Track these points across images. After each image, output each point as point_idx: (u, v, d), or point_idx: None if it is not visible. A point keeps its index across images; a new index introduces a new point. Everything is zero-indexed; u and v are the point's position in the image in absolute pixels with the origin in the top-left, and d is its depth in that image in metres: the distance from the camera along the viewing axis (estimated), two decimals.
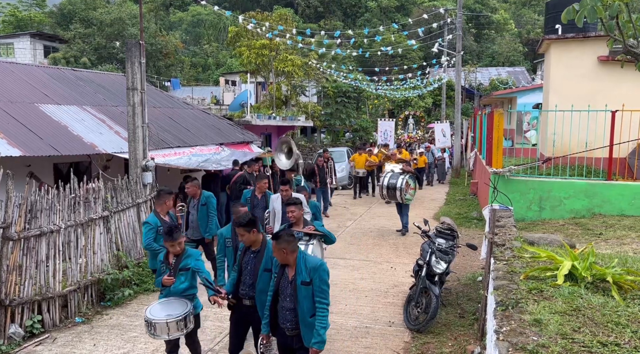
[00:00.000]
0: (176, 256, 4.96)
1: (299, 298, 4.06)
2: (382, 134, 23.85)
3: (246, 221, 4.57)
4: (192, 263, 4.91)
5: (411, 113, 32.83)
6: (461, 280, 8.02)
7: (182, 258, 4.94)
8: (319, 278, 4.07)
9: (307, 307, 4.06)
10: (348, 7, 56.60)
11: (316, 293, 4.06)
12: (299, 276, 4.09)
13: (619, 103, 9.71)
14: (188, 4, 56.71)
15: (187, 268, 4.91)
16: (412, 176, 11.29)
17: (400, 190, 10.70)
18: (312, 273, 4.08)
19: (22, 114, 9.87)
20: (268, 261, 4.57)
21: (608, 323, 3.31)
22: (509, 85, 33.84)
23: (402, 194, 10.75)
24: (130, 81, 8.78)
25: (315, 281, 4.06)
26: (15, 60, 27.93)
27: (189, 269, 4.91)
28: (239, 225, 4.56)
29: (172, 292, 4.87)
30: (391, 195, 10.97)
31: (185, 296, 4.85)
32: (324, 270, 4.13)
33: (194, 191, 7.74)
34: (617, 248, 6.74)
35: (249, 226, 4.56)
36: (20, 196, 6.12)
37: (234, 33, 24.75)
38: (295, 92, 27.28)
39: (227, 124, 15.98)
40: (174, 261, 4.96)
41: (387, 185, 10.89)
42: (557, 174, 10.38)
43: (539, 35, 38.82)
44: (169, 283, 4.84)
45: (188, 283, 4.90)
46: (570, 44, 12.49)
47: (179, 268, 4.89)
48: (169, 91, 29.62)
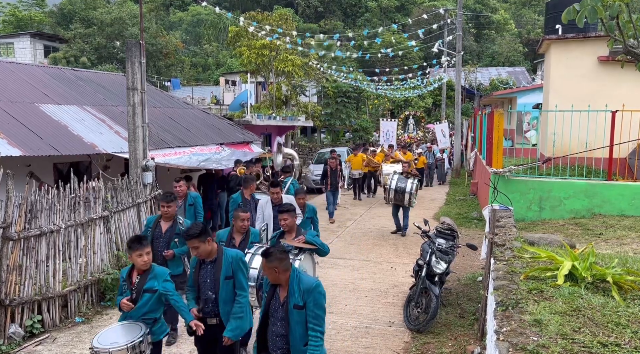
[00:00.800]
0: (140, 274, 4.31)
1: (291, 323, 3.61)
2: (384, 134, 23.50)
3: (199, 231, 4.17)
4: (159, 285, 4.27)
5: (411, 113, 32.56)
6: (461, 280, 8.02)
7: (147, 278, 4.28)
8: (314, 301, 3.60)
9: (300, 334, 3.61)
10: (348, 7, 56.58)
11: (309, 318, 3.59)
12: (291, 299, 3.63)
13: (619, 104, 9.71)
14: (188, 3, 56.71)
15: (153, 290, 4.25)
16: (417, 178, 11.33)
17: (410, 194, 10.69)
18: (306, 296, 3.62)
19: (22, 114, 9.87)
20: (228, 268, 4.26)
21: (608, 324, 3.31)
22: (509, 85, 33.84)
23: (411, 198, 10.73)
24: (130, 81, 8.77)
25: (309, 305, 3.59)
26: (15, 60, 27.93)
27: (156, 291, 4.25)
28: (190, 236, 4.16)
29: (130, 315, 4.24)
30: (399, 199, 10.87)
31: (144, 320, 4.21)
32: (320, 293, 3.67)
33: (183, 192, 7.54)
34: (617, 248, 6.74)
35: (203, 236, 4.19)
36: (21, 196, 6.12)
37: (234, 33, 24.75)
38: (296, 92, 27.28)
39: (227, 124, 15.98)
40: (138, 281, 4.29)
41: (395, 188, 10.80)
42: (557, 174, 10.37)
43: (539, 35, 38.82)
44: (127, 309, 4.20)
45: (151, 306, 4.26)
46: (571, 44, 12.49)
47: (143, 289, 4.24)
48: (169, 91, 29.62)
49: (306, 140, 31.26)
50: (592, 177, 10.20)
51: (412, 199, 10.85)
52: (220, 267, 4.27)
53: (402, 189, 10.77)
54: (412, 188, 10.75)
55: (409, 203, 10.82)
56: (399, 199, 10.86)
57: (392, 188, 10.87)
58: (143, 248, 4.24)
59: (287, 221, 5.27)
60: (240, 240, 5.42)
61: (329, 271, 8.71)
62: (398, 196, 10.83)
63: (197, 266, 4.36)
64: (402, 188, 10.78)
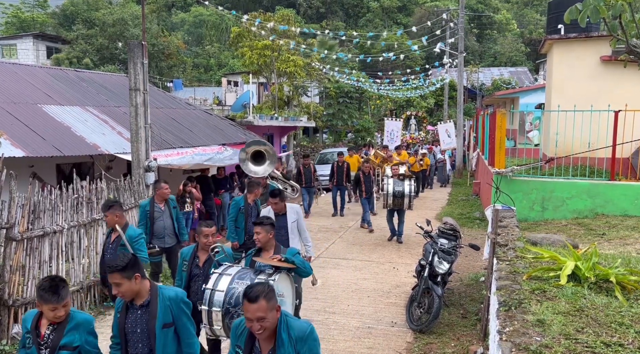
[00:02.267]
0: (54, 325, 3.22)
1: None
2: (388, 134, 22.76)
3: (125, 263, 3.15)
4: (79, 340, 3.24)
5: (413, 113, 32.16)
6: (464, 280, 8.01)
7: (63, 331, 3.21)
8: (309, 352, 2.87)
9: None
10: (350, 8, 56.57)
11: None
12: (279, 351, 2.81)
13: (621, 103, 9.69)
14: (190, 4, 56.77)
15: (72, 347, 3.22)
16: (412, 178, 10.74)
17: (410, 197, 10.28)
18: (300, 345, 2.83)
19: (25, 115, 9.90)
20: (166, 313, 3.27)
21: (611, 324, 3.30)
22: (512, 85, 33.80)
23: (410, 201, 10.34)
24: (132, 82, 8.79)
25: None
26: (18, 61, 28.01)
27: (75, 348, 3.23)
28: (113, 269, 3.16)
29: None
30: (398, 203, 10.38)
31: None
32: (315, 339, 2.92)
33: (165, 195, 7.17)
34: (620, 248, 6.72)
35: (129, 271, 3.16)
36: (24, 197, 6.14)
37: (236, 33, 24.78)
38: (298, 92, 27.30)
39: (229, 125, 16.00)
40: (51, 334, 3.21)
41: (393, 192, 10.26)
42: (560, 174, 10.35)
43: (541, 35, 38.78)
44: None
45: None
46: (573, 44, 12.47)
47: (60, 346, 3.20)
48: (171, 92, 29.65)
49: (308, 140, 31.28)
50: (594, 177, 10.18)
51: (412, 202, 10.48)
52: (155, 312, 3.25)
53: (401, 193, 10.27)
54: (410, 191, 10.34)
55: (408, 206, 10.42)
56: (399, 204, 10.37)
57: (389, 193, 10.31)
58: (59, 302, 3.14)
59: (260, 236, 4.48)
60: (204, 259, 4.77)
61: (331, 271, 8.71)
62: (397, 201, 10.33)
63: (124, 309, 3.32)
64: (400, 191, 10.27)
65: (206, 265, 4.71)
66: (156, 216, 7.06)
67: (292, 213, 6.30)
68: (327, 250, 10.21)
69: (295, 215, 6.31)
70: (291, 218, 6.27)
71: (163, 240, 7.11)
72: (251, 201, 7.33)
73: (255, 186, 7.41)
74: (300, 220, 6.34)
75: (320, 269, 8.90)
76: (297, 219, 6.31)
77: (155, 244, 7.05)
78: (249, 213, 7.24)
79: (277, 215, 6.16)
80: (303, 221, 6.42)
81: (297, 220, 6.31)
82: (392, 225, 10.80)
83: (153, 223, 7.03)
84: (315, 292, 7.68)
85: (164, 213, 7.11)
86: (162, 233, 7.10)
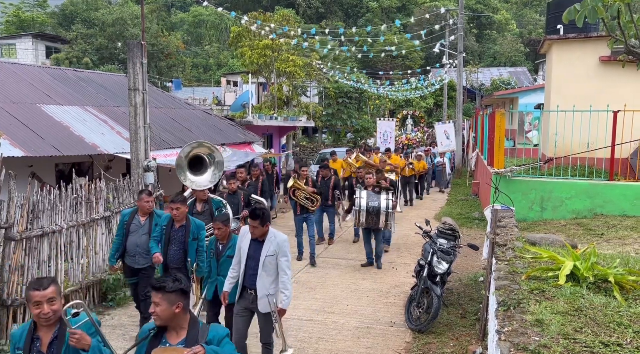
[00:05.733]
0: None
1: None
2: (381, 135, 21.58)
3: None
4: None
5: (409, 113, 30.80)
6: (463, 280, 8.02)
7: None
8: None
9: None
10: (349, 8, 56.58)
11: None
12: None
13: (620, 104, 9.69)
14: (189, 4, 56.75)
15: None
16: (391, 191, 8.87)
17: (387, 214, 8.39)
18: None
19: (24, 115, 9.90)
20: None
21: (610, 323, 3.30)
22: (511, 85, 33.81)
23: (388, 219, 8.46)
24: (131, 81, 8.79)
25: None
26: (17, 61, 27.98)
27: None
28: None
29: None
30: (372, 222, 8.46)
31: None
32: None
33: (145, 208, 6.14)
34: (619, 248, 6.73)
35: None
36: (22, 197, 6.14)
37: (236, 33, 24.79)
38: (297, 92, 27.31)
39: (228, 124, 16.00)
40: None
41: (366, 208, 8.41)
42: (559, 174, 10.36)
43: (541, 35, 38.80)
44: None
45: None
46: (572, 44, 12.47)
47: None
48: (171, 91, 29.65)
49: (307, 140, 31.30)
50: (593, 177, 10.18)
51: (390, 220, 8.53)
52: None
53: (376, 209, 8.41)
54: (387, 206, 8.40)
55: (385, 226, 8.51)
56: (373, 222, 8.46)
57: (362, 208, 8.42)
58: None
59: (159, 310, 2.86)
60: None
61: (330, 271, 8.72)
62: (371, 219, 8.43)
63: None
64: (374, 207, 8.41)
65: None
66: (132, 229, 6.11)
67: (271, 244, 4.74)
68: (327, 250, 10.21)
69: (276, 247, 4.73)
70: (268, 249, 4.73)
71: (134, 258, 6.11)
72: (177, 224, 5.82)
73: (178, 202, 5.79)
74: (281, 255, 4.74)
75: (319, 269, 8.90)
76: (276, 253, 4.73)
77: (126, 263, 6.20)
78: (170, 238, 5.83)
79: (253, 241, 4.81)
80: (286, 258, 4.78)
81: (276, 253, 4.73)
82: (369, 247, 8.93)
83: (127, 238, 6.12)
84: (314, 292, 7.69)
85: (140, 228, 6.11)
86: (133, 250, 6.11)
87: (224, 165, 7.55)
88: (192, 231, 5.82)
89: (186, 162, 7.24)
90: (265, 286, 4.73)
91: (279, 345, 4.79)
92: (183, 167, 7.22)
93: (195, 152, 7.36)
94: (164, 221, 5.94)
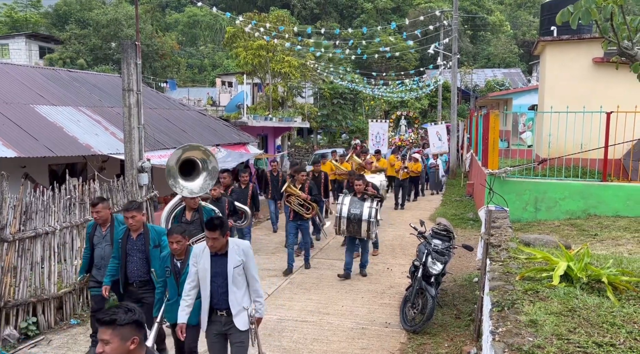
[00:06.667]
0: None
1: None
2: (373, 137, 21.22)
3: None
4: None
5: (403, 113, 29.95)
6: (457, 280, 8.03)
7: None
8: None
9: None
10: (344, 9, 56.67)
11: None
12: None
13: (613, 105, 9.75)
14: (184, 5, 56.64)
15: None
16: (377, 200, 8.34)
17: (369, 223, 7.88)
18: None
19: (17, 115, 9.84)
20: None
21: (603, 324, 3.32)
22: (505, 86, 33.95)
23: (370, 228, 7.94)
24: (126, 82, 8.75)
25: None
26: (10, 61, 27.81)
27: None
28: None
29: None
30: (354, 230, 8.01)
31: None
32: None
33: (105, 216, 5.73)
34: (612, 248, 6.77)
35: None
36: (15, 198, 6.10)
37: (231, 34, 24.77)
38: (292, 93, 27.32)
39: (223, 125, 15.97)
40: None
41: (347, 216, 7.96)
42: (553, 175, 10.41)
43: (534, 36, 39.01)
44: None
45: None
46: (565, 46, 12.54)
47: None
48: (165, 92, 29.58)
49: (302, 141, 31.30)
50: (587, 178, 10.24)
51: (372, 229, 8.02)
52: None
53: (357, 216, 7.91)
54: (370, 215, 7.88)
55: (367, 235, 8.04)
56: (354, 231, 8.03)
57: (343, 215, 7.98)
58: None
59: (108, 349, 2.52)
60: None
61: (325, 272, 8.71)
62: (352, 227, 7.98)
63: None
64: (356, 215, 7.91)
65: None
66: (95, 241, 5.80)
67: (235, 254, 4.36)
68: (322, 251, 10.21)
69: (241, 255, 4.39)
70: (234, 260, 4.34)
71: (100, 271, 5.72)
72: (135, 233, 5.39)
73: (133, 210, 5.33)
74: (249, 262, 4.41)
75: (314, 270, 8.90)
76: (243, 262, 4.38)
77: None
78: (128, 250, 5.40)
79: (214, 256, 4.37)
80: (254, 264, 4.47)
81: (243, 263, 4.38)
82: (351, 257, 8.37)
83: (93, 250, 5.81)
84: (309, 293, 7.68)
85: (103, 239, 5.76)
86: (99, 263, 5.78)
87: (217, 173, 6.85)
88: (153, 238, 5.40)
89: (178, 166, 6.50)
90: (238, 301, 4.34)
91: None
92: (173, 171, 6.44)
93: (188, 155, 6.62)
94: (120, 233, 5.47)
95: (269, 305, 7.17)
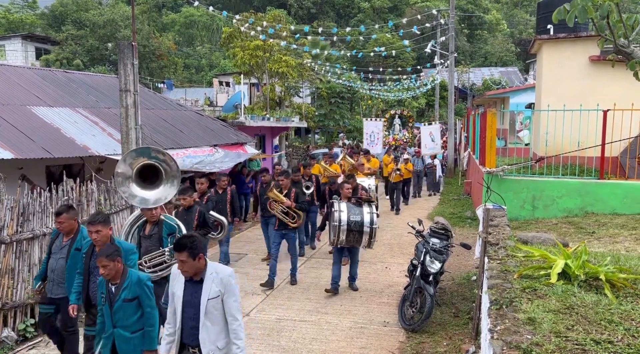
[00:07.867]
0: None
1: None
2: (368, 136, 20.45)
3: None
4: None
5: (397, 112, 29.07)
6: (455, 279, 8.05)
7: None
8: None
9: None
10: (341, 8, 56.66)
11: None
12: None
13: (610, 103, 9.77)
14: (181, 5, 56.56)
15: None
16: (374, 203, 7.70)
17: (371, 230, 7.16)
18: None
19: (14, 117, 9.81)
20: None
21: (601, 321, 3.33)
22: (502, 85, 34.01)
23: (372, 236, 7.22)
24: (123, 83, 8.74)
25: None
26: (6, 62, 27.73)
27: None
28: None
29: None
30: (354, 240, 7.22)
31: None
32: None
33: (69, 227, 5.14)
34: (609, 246, 6.78)
35: None
36: (13, 199, 6.08)
37: (227, 34, 24.73)
38: (289, 93, 27.29)
39: (220, 125, 15.95)
40: None
41: (348, 224, 7.08)
42: (550, 173, 10.43)
43: (531, 35, 39.03)
44: None
45: None
46: (562, 44, 12.56)
47: None
48: (162, 93, 29.54)
49: (300, 141, 31.29)
50: (584, 175, 10.26)
51: (374, 238, 7.30)
52: None
53: (359, 224, 7.10)
54: (372, 221, 7.17)
55: (368, 245, 7.34)
56: (354, 241, 7.22)
57: (342, 225, 7.05)
58: None
59: None
60: None
61: (324, 272, 8.71)
62: (353, 236, 7.13)
63: None
64: (357, 222, 7.10)
65: None
66: (53, 250, 5.23)
67: (213, 282, 3.67)
68: (319, 250, 10.21)
69: (219, 285, 3.67)
70: (210, 290, 3.65)
71: (49, 285, 5.22)
72: (99, 249, 4.57)
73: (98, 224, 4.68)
74: (228, 296, 3.67)
75: (312, 269, 8.90)
76: (220, 294, 3.66)
77: None
78: (91, 268, 4.85)
79: (188, 281, 3.71)
80: (235, 298, 3.70)
81: (220, 295, 3.66)
82: (339, 270, 7.63)
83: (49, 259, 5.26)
84: (308, 292, 7.68)
85: (60, 251, 5.17)
86: (49, 275, 5.20)
87: (180, 181, 5.72)
88: None
89: (134, 172, 5.44)
90: (211, 339, 3.63)
91: None
92: (128, 177, 5.41)
93: (148, 162, 5.50)
94: (85, 247, 4.97)
95: (268, 305, 7.17)
